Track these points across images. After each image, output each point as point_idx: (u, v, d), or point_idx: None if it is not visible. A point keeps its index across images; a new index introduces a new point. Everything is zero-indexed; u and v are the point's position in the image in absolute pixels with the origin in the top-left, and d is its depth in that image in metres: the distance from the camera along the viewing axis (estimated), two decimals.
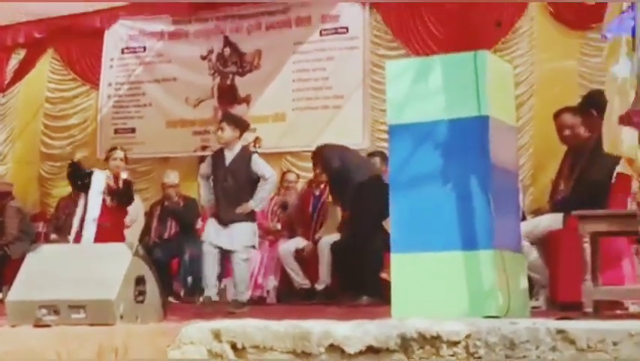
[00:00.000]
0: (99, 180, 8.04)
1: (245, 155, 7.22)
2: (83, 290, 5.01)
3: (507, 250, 4.71)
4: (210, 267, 7.15)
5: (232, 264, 7.17)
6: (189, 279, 8.82)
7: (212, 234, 7.13)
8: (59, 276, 5.16)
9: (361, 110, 9.73)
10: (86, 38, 11.34)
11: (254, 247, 7.28)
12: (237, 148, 7.24)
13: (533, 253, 5.91)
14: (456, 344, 3.84)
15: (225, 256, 7.25)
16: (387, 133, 5.12)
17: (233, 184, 7.11)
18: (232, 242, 7.04)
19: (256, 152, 7.49)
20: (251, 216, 7.17)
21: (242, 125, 7.36)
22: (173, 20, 10.93)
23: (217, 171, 7.23)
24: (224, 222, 7.08)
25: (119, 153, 8.24)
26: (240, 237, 7.05)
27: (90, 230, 7.72)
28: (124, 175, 8.20)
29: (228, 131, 7.19)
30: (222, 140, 7.23)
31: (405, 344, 3.91)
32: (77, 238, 7.85)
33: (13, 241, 9.59)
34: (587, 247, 4.57)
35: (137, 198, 9.59)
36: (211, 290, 7.15)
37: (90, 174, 8.11)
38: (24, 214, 10.29)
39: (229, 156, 7.20)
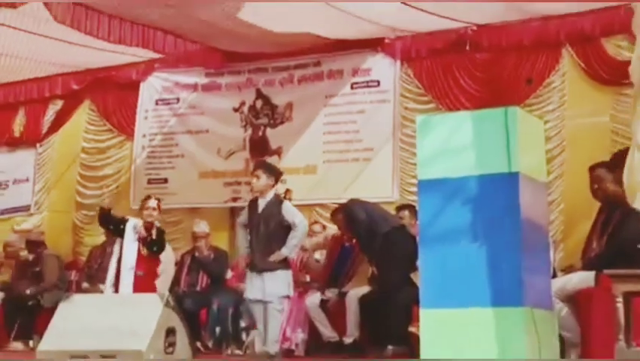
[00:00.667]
0: (133, 229, 8.13)
1: (276, 202, 7.27)
2: (115, 341, 5.06)
3: (537, 308, 4.69)
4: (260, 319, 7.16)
5: (266, 314, 7.16)
6: (217, 329, 8.82)
7: (251, 287, 7.15)
8: (91, 326, 5.22)
9: (391, 163, 9.74)
10: (121, 90, 11.53)
11: (288, 297, 7.29)
12: (270, 196, 7.30)
13: (564, 311, 5.86)
14: None
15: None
16: (417, 187, 5.13)
17: (265, 231, 7.15)
18: (266, 293, 7.05)
19: (289, 199, 7.52)
20: (285, 264, 7.20)
21: (276, 174, 7.42)
22: (207, 73, 11.06)
23: (252, 219, 7.29)
24: (257, 270, 7.10)
25: (153, 203, 8.33)
26: (275, 287, 7.06)
27: (128, 278, 7.77)
28: (157, 223, 8.28)
29: (263, 179, 7.26)
30: (257, 187, 7.29)
31: None
32: (115, 286, 7.89)
33: (51, 289, 9.67)
34: (620, 306, 4.54)
35: (168, 247, 9.66)
36: (274, 348, 7.14)
37: (124, 221, 8.20)
38: (61, 263, 10.43)
39: (262, 203, 7.26)
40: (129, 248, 8.09)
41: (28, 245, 10.48)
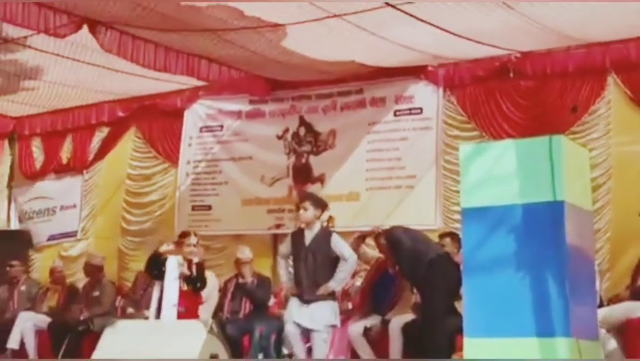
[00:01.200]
0: (173, 266, 8.18)
1: (325, 234, 7.30)
2: None
3: (583, 338, 4.65)
4: (297, 346, 7.18)
5: (312, 343, 7.18)
6: (260, 356, 8.83)
7: (295, 312, 7.17)
8: (136, 352, 5.26)
9: (434, 190, 9.71)
10: (166, 117, 11.66)
11: (335, 326, 7.30)
12: (317, 228, 7.34)
13: (611, 342, 5.79)
14: None
15: (302, 334, 7.29)
16: (461, 215, 5.12)
17: (313, 263, 7.18)
18: (313, 321, 7.07)
19: (335, 232, 7.53)
20: (332, 295, 7.22)
21: (322, 206, 7.46)
22: (251, 100, 11.14)
23: (297, 251, 7.32)
24: (305, 301, 7.13)
25: (193, 239, 8.39)
26: (322, 316, 7.08)
27: (170, 315, 7.81)
28: (196, 260, 8.32)
29: (310, 211, 7.30)
30: (304, 219, 7.32)
31: None
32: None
33: (105, 315, 9.78)
34: None
35: (211, 274, 9.71)
36: None
37: (164, 261, 8.26)
38: (115, 289, 10.58)
39: (309, 235, 7.29)
40: (171, 285, 8.15)
41: (87, 268, 10.64)
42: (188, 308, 8.01)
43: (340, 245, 7.31)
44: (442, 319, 7.28)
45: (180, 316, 7.80)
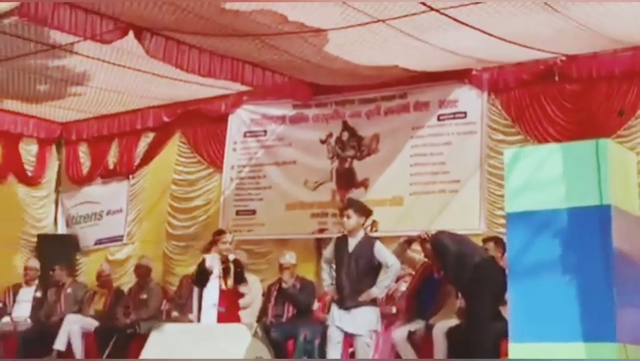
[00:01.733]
0: (213, 265, 8.23)
1: (368, 242, 7.31)
2: None
3: (631, 343, 4.60)
4: (335, 351, 7.18)
5: (355, 348, 7.18)
6: (304, 360, 8.85)
7: (337, 317, 7.18)
8: (182, 355, 5.30)
9: (478, 194, 9.65)
10: (211, 122, 11.73)
11: (376, 331, 7.30)
12: (360, 235, 7.34)
13: None
14: None
15: (345, 339, 7.29)
16: (505, 219, 5.10)
17: (355, 270, 7.19)
18: (356, 326, 7.07)
19: (378, 239, 7.51)
20: (373, 300, 7.23)
21: (366, 213, 7.46)
22: (294, 105, 11.18)
23: (340, 257, 7.33)
24: (347, 307, 7.14)
25: (229, 237, 8.41)
26: (365, 321, 7.08)
27: (211, 315, 7.86)
28: (232, 257, 8.35)
29: (354, 219, 7.31)
30: (348, 227, 7.32)
31: None
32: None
33: (152, 318, 9.88)
34: None
35: (255, 278, 9.77)
36: None
37: (209, 271, 8.29)
38: (162, 293, 10.70)
39: (352, 242, 7.30)
40: (210, 285, 8.20)
41: (137, 270, 10.77)
42: (229, 309, 8.04)
43: (384, 252, 7.31)
44: (487, 323, 7.24)
45: (220, 316, 7.85)
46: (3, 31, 8.73)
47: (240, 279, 8.43)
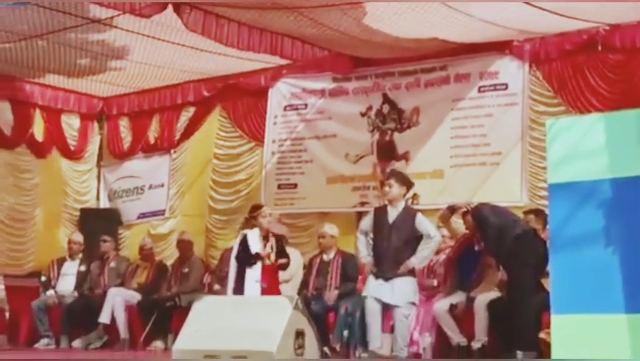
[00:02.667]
0: (254, 242, 8.25)
1: (409, 213, 7.27)
2: (246, 341, 5.17)
3: None
4: (374, 321, 7.18)
5: (393, 319, 7.19)
6: (345, 333, 8.88)
7: (375, 288, 7.17)
8: (223, 327, 5.35)
9: (519, 167, 9.59)
10: (251, 96, 11.76)
11: (414, 303, 7.28)
12: (401, 206, 7.30)
13: None
14: None
15: (384, 311, 7.29)
16: (548, 191, 5.06)
17: (397, 241, 7.15)
18: (394, 297, 7.06)
19: (419, 210, 7.48)
20: (412, 271, 7.20)
21: (408, 184, 7.42)
22: (334, 78, 11.15)
23: (380, 228, 7.30)
24: (386, 278, 7.12)
25: (267, 210, 8.40)
26: (403, 292, 7.07)
27: (253, 291, 7.89)
28: (275, 230, 8.33)
29: (396, 189, 7.27)
30: (389, 197, 7.28)
31: None
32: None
33: (193, 292, 9.97)
34: None
35: (296, 251, 9.79)
36: (375, 343, 7.16)
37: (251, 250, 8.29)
38: (203, 267, 10.80)
39: (392, 213, 7.26)
40: (254, 261, 8.21)
41: (179, 245, 10.89)
42: (270, 284, 8.07)
43: (426, 223, 7.28)
44: (528, 296, 7.21)
45: (263, 292, 7.88)
46: (43, 5, 8.81)
47: (282, 253, 8.45)
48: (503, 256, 7.68)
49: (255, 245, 8.22)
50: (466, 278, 8.62)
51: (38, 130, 12.55)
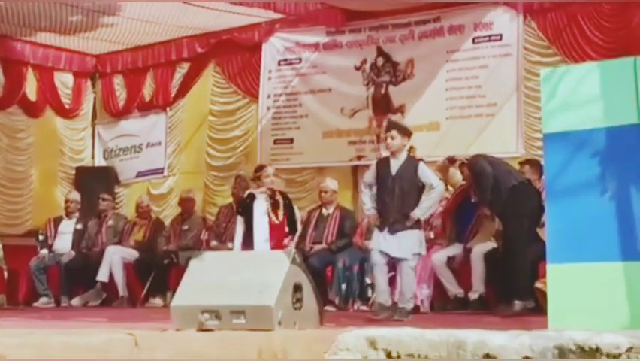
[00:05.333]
0: (261, 202, 8.25)
1: (412, 163, 7.21)
2: (244, 296, 5.17)
3: None
4: (381, 275, 7.19)
5: (400, 272, 7.19)
6: (343, 286, 8.93)
7: (381, 242, 7.15)
8: (221, 282, 5.35)
9: (515, 117, 9.58)
10: (245, 52, 11.68)
11: (420, 254, 7.28)
12: (403, 156, 7.24)
13: None
14: (617, 357, 3.76)
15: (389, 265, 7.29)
16: (543, 141, 5.04)
17: (400, 192, 7.12)
18: (401, 250, 7.04)
19: (422, 160, 7.43)
20: (417, 223, 7.19)
21: (409, 134, 7.36)
22: (327, 31, 11.07)
23: (383, 179, 7.25)
24: (391, 231, 7.09)
25: (270, 170, 8.38)
26: (408, 245, 7.04)
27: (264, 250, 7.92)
28: (280, 187, 8.32)
29: (398, 139, 7.20)
30: (393, 148, 7.22)
31: (562, 355, 3.85)
32: None
33: (193, 248, 10.01)
34: None
35: (295, 207, 9.80)
36: (383, 297, 7.18)
37: (252, 199, 8.30)
38: (202, 223, 10.82)
39: (395, 164, 7.20)
40: (260, 221, 8.22)
41: (182, 203, 10.95)
42: (277, 243, 8.08)
43: (428, 173, 7.22)
44: (524, 246, 7.25)
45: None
46: None
47: (290, 211, 8.43)
48: (499, 207, 7.70)
49: (262, 205, 8.22)
50: (463, 230, 8.66)
51: (31, 89, 12.47)
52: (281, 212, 8.30)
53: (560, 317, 4.62)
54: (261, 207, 8.24)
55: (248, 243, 8.16)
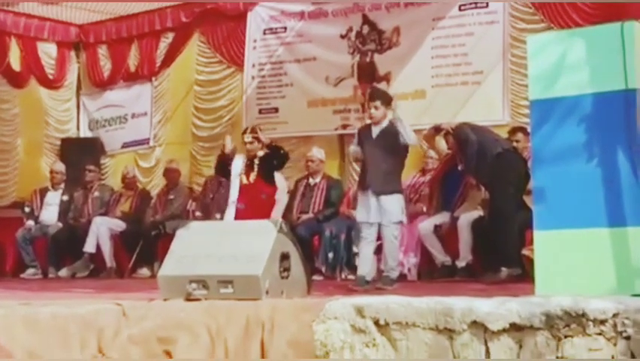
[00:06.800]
0: (236, 165, 8.23)
1: (392, 127, 7.18)
2: (231, 266, 5.18)
3: None
4: (367, 246, 7.19)
5: (383, 240, 7.18)
6: (330, 255, 8.94)
7: (364, 210, 7.14)
8: (208, 252, 5.35)
9: (501, 85, 9.57)
10: (229, 21, 11.58)
11: (401, 222, 7.27)
12: (385, 123, 7.24)
13: None
14: (603, 322, 3.79)
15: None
16: (529, 108, 5.04)
17: (381, 154, 7.11)
18: (383, 216, 7.04)
19: (399, 119, 7.34)
20: (400, 188, 7.21)
21: (390, 101, 7.35)
22: (313, 0, 11.02)
23: (364, 145, 7.27)
24: (374, 193, 7.07)
25: (247, 137, 8.27)
26: (391, 212, 7.04)
27: (229, 213, 7.95)
28: (260, 153, 8.22)
29: (382, 109, 7.20)
30: (377, 118, 7.21)
31: (549, 321, 3.88)
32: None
33: (178, 218, 9.99)
34: None
35: (281, 176, 9.78)
36: (364, 269, 7.17)
37: (230, 161, 8.29)
38: (188, 194, 10.81)
39: (376, 130, 7.21)
40: (232, 183, 8.23)
41: (167, 174, 10.95)
42: (249, 205, 8.00)
43: (406, 129, 7.17)
44: (510, 213, 7.26)
45: (239, 212, 7.88)
46: None
47: (279, 160, 8.32)
48: (485, 175, 7.71)
49: (237, 168, 8.21)
50: (450, 198, 8.68)
51: (15, 59, 12.35)
52: (254, 174, 8.22)
53: (547, 283, 4.64)
54: (235, 170, 8.23)
55: None
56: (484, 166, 7.56)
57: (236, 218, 7.88)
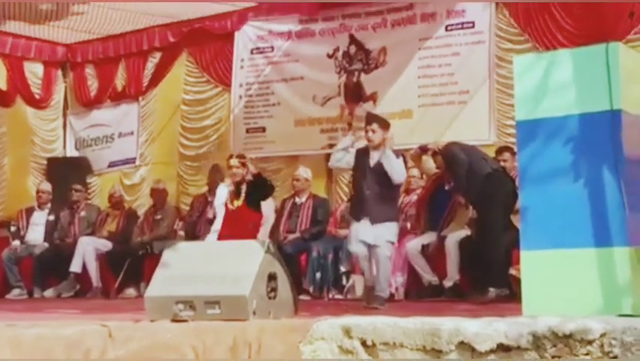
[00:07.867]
0: (222, 192, 8.21)
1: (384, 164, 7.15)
2: (218, 286, 5.16)
3: None
4: (365, 264, 7.17)
5: (375, 260, 7.13)
6: (317, 275, 8.93)
7: (360, 231, 7.10)
8: (195, 273, 5.33)
9: (487, 105, 9.62)
10: (217, 40, 11.62)
11: (393, 243, 7.27)
12: (381, 153, 7.18)
13: None
14: (590, 342, 3.78)
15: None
16: (516, 128, 5.06)
17: (378, 185, 7.08)
18: (375, 238, 7.01)
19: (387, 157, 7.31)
20: (395, 214, 7.20)
21: (387, 126, 7.33)
22: (300, 20, 11.06)
23: (361, 170, 7.23)
24: (371, 221, 7.04)
25: (234, 161, 8.23)
26: (383, 233, 7.03)
27: (212, 240, 7.89)
28: (238, 178, 8.16)
29: (379, 133, 7.17)
30: (376, 141, 7.17)
31: (537, 342, 3.87)
32: None
33: (166, 238, 9.96)
34: None
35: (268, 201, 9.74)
36: (384, 292, 7.13)
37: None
38: (176, 214, 10.78)
39: (375, 156, 7.16)
40: (218, 212, 8.19)
41: (153, 194, 10.90)
42: (234, 231, 7.65)
43: (393, 163, 7.14)
44: (498, 233, 7.27)
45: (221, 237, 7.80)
46: None
47: (263, 190, 8.28)
48: (473, 194, 7.72)
49: (222, 197, 8.17)
50: (437, 217, 8.68)
51: (1, 78, 12.35)
52: (239, 201, 8.18)
53: (534, 303, 4.64)
54: (219, 199, 8.20)
55: None
56: (473, 186, 7.57)
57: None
